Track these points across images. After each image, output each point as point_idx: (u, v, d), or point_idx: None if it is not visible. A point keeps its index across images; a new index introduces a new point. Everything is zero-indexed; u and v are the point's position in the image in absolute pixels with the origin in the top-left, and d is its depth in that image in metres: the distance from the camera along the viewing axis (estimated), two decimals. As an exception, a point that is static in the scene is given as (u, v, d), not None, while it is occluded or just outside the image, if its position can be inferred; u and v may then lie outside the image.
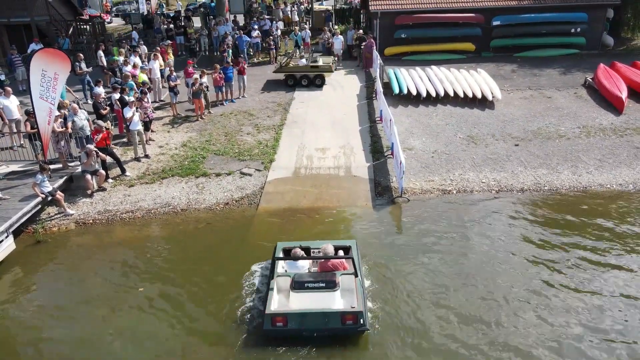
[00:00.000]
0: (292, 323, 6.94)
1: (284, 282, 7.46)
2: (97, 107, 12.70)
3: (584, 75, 17.84)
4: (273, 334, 7.01)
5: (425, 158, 12.80)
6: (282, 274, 7.64)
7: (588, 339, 7.02)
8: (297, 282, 7.32)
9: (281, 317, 6.95)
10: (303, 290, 7.26)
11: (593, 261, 8.70)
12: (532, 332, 7.17)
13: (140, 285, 8.49)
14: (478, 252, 9.10)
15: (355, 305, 7.02)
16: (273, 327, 6.96)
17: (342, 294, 7.28)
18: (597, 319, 7.38)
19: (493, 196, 11.16)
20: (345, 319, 6.93)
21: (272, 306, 7.12)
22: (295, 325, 6.95)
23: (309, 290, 7.24)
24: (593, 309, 7.58)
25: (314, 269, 7.88)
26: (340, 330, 6.97)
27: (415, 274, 8.50)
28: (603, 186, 11.35)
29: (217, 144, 13.77)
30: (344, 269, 7.64)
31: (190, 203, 11.09)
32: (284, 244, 8.42)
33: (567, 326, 7.26)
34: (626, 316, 7.40)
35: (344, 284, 7.38)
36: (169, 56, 18.65)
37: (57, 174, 11.38)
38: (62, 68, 11.41)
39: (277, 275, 7.59)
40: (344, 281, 7.41)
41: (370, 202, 10.96)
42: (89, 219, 10.52)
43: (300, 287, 7.28)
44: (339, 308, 7.07)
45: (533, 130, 14.15)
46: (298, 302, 7.17)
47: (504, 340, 7.04)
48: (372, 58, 19.29)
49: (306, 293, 7.23)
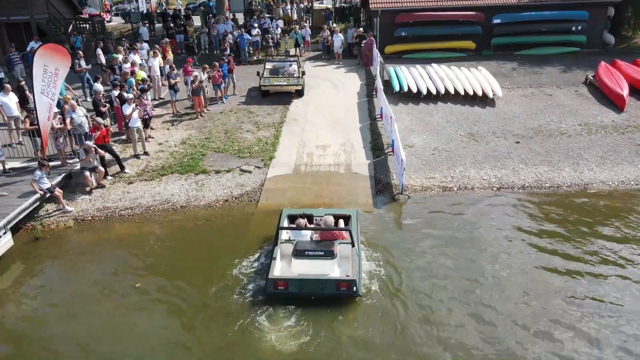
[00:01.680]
0: (292, 287, 7.69)
1: (287, 249, 8.15)
2: (96, 104, 12.64)
3: (584, 73, 17.79)
4: (275, 296, 7.74)
5: (426, 155, 12.74)
6: (285, 241, 8.33)
7: (592, 336, 6.98)
8: (299, 250, 7.98)
9: (282, 281, 7.68)
10: (303, 257, 7.92)
11: (594, 258, 8.65)
12: (528, 318, 7.13)
13: (139, 281, 8.42)
14: (479, 248, 9.04)
15: (349, 274, 7.69)
16: (275, 290, 7.70)
17: (339, 263, 7.92)
18: (603, 313, 7.33)
19: (494, 193, 11.11)
20: (340, 286, 7.62)
21: (275, 272, 7.81)
22: (295, 289, 7.69)
23: (309, 258, 7.90)
24: (597, 303, 7.53)
25: (315, 236, 8.44)
26: (334, 295, 7.68)
27: (415, 271, 8.44)
28: (605, 183, 11.30)
29: (216, 142, 13.71)
30: (342, 238, 8.18)
31: (190, 200, 11.03)
32: (288, 211, 9.17)
33: (560, 312, 7.22)
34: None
35: (342, 252, 8.00)
36: (169, 54, 18.59)
37: (56, 170, 11.33)
38: (62, 63, 11.38)
39: (281, 242, 8.29)
40: (342, 250, 8.01)
41: (371, 199, 10.90)
42: (87, 216, 10.46)
43: (301, 254, 7.94)
44: (334, 276, 7.75)
45: (534, 128, 14.09)
46: (298, 268, 7.85)
47: (508, 341, 6.99)
48: (373, 56, 19.24)
49: (306, 260, 7.90)
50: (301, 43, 22.79)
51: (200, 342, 7.16)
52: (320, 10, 28.97)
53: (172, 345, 7.10)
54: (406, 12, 20.58)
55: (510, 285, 8.07)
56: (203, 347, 7.07)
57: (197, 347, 7.07)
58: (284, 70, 17.11)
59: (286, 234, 8.54)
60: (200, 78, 14.98)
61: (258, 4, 28.93)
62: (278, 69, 17.20)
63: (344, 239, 8.16)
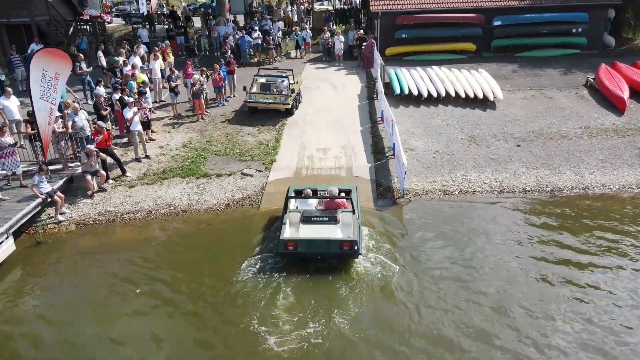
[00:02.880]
0: (300, 247, 8.45)
1: (295, 217, 9.02)
2: (97, 108, 12.65)
3: (585, 75, 17.79)
4: (285, 256, 8.58)
5: (427, 159, 12.76)
6: (293, 210, 9.20)
7: (596, 336, 6.99)
8: (306, 216, 8.91)
9: (292, 242, 8.47)
10: (310, 223, 8.83)
11: (596, 263, 8.67)
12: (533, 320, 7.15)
13: (141, 287, 8.43)
14: (480, 253, 9.05)
15: (351, 235, 8.54)
16: (285, 250, 8.49)
17: (342, 227, 8.82)
18: (604, 317, 7.35)
19: (495, 197, 11.12)
20: (343, 246, 8.43)
21: (285, 234, 8.64)
22: (303, 249, 8.46)
23: (315, 223, 8.83)
24: (601, 310, 7.55)
25: (320, 207, 9.36)
26: (338, 254, 8.50)
27: (416, 278, 8.45)
28: (606, 187, 11.31)
29: (217, 145, 13.72)
30: (344, 207, 9.14)
31: (191, 204, 11.04)
32: (295, 186, 10.07)
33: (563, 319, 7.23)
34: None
35: (344, 219, 8.92)
36: (169, 56, 18.59)
37: (58, 174, 11.34)
38: (63, 67, 11.37)
39: (290, 211, 9.14)
40: (344, 217, 8.95)
41: (372, 203, 10.91)
42: (89, 220, 10.47)
43: (308, 220, 8.86)
44: (338, 237, 8.57)
45: (535, 131, 14.10)
46: (306, 232, 8.70)
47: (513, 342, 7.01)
48: (373, 58, 19.25)
49: (313, 225, 8.80)
50: (302, 45, 22.80)
51: (203, 346, 7.16)
52: (320, 12, 29.02)
53: (174, 351, 7.10)
54: (407, 14, 20.59)
55: (512, 295, 8.08)
56: (207, 352, 7.08)
57: (200, 352, 7.08)
58: (275, 85, 15.74)
59: (294, 204, 9.39)
60: (200, 80, 14.98)
61: (259, 6, 28.92)
62: (269, 85, 15.87)
63: (345, 208, 9.08)
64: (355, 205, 9.13)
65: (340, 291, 8.11)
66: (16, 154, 10.76)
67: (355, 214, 8.95)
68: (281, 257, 8.59)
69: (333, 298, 7.97)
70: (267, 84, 15.96)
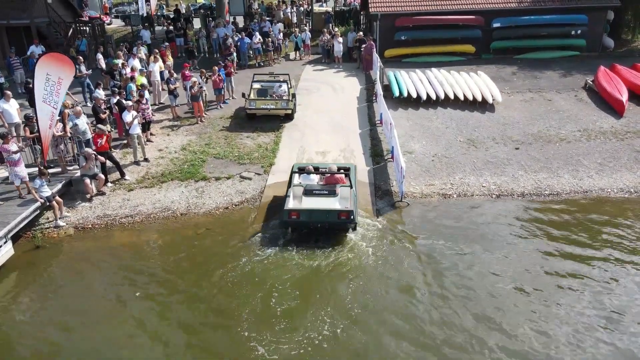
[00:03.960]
0: (302, 216, 9.37)
1: (298, 190, 9.97)
2: (96, 111, 12.65)
3: (584, 77, 17.80)
4: (289, 224, 9.54)
5: (426, 162, 12.77)
6: (297, 185, 10.17)
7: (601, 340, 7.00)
8: (307, 190, 9.90)
9: (295, 212, 9.43)
10: (312, 196, 9.79)
11: (594, 266, 8.69)
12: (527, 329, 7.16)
13: (140, 290, 8.45)
14: (478, 259, 9.06)
15: (348, 207, 9.43)
16: (289, 219, 9.42)
17: (340, 200, 9.68)
18: (607, 323, 7.36)
19: (494, 201, 11.13)
20: (340, 215, 9.34)
21: (289, 205, 9.60)
22: (305, 218, 9.38)
23: (316, 196, 9.77)
24: (598, 314, 7.56)
25: (321, 182, 10.29)
26: (337, 223, 9.40)
27: (413, 286, 8.47)
28: (604, 190, 11.32)
29: (216, 148, 13.73)
30: (342, 182, 10.07)
31: (190, 207, 11.05)
32: (298, 165, 11.03)
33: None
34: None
35: (342, 193, 9.82)
36: (168, 58, 18.59)
37: (57, 178, 11.34)
38: (66, 73, 11.41)
39: (294, 186, 10.13)
40: (342, 191, 9.86)
41: (371, 206, 10.92)
42: (88, 224, 10.48)
43: (310, 193, 9.85)
44: (336, 207, 9.44)
45: (533, 134, 14.12)
46: (307, 203, 9.63)
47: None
48: (372, 60, 19.25)
49: (314, 197, 9.76)
50: (301, 46, 22.81)
51: (202, 350, 7.18)
52: (320, 14, 29.02)
53: (173, 354, 7.11)
54: (406, 15, 20.60)
55: (510, 302, 8.09)
56: (207, 356, 7.09)
57: (200, 356, 7.09)
58: (272, 91, 15.53)
59: (297, 179, 10.40)
60: (199, 83, 14.99)
61: (258, 7, 28.90)
62: (266, 90, 15.63)
63: (344, 183, 10.03)
64: (352, 182, 10.11)
65: (332, 301, 8.13)
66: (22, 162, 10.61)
67: (352, 188, 9.89)
68: (285, 225, 9.59)
69: (330, 302, 7.99)
70: (265, 89, 15.73)
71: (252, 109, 15.06)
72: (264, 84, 15.89)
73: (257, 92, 15.65)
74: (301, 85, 18.75)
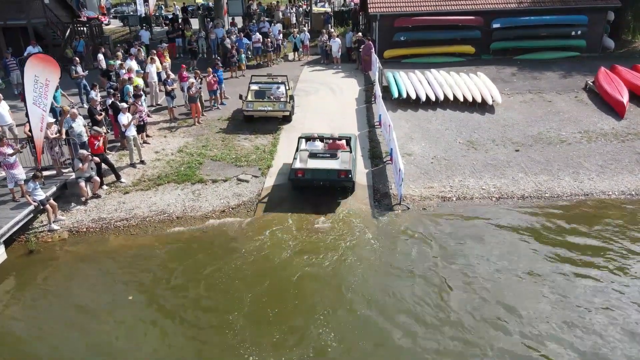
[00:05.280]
0: (307, 175, 10.86)
1: (304, 154, 11.47)
2: (92, 113, 12.50)
3: (584, 78, 17.69)
4: (295, 182, 11.04)
5: (425, 164, 12.64)
6: (303, 149, 11.63)
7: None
8: (312, 153, 11.40)
9: (301, 171, 10.90)
10: (316, 158, 11.26)
11: (596, 270, 8.56)
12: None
13: (134, 295, 8.32)
14: (478, 269, 8.92)
15: (347, 167, 10.82)
16: (296, 177, 10.89)
17: (341, 162, 11.10)
18: (605, 326, 7.24)
19: (493, 203, 11.01)
20: (340, 174, 10.77)
21: (296, 165, 11.11)
22: (309, 176, 10.86)
23: (320, 158, 11.24)
24: (601, 319, 7.44)
25: (324, 148, 11.74)
26: (336, 181, 10.88)
27: (412, 292, 8.34)
28: (605, 193, 11.19)
29: (213, 149, 13.59)
30: (343, 148, 11.49)
31: (186, 210, 10.92)
32: (304, 134, 12.39)
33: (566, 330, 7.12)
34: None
35: (343, 157, 11.24)
36: (166, 59, 18.45)
37: (51, 180, 11.20)
38: (52, 75, 11.24)
39: (300, 150, 11.59)
40: (343, 155, 11.27)
41: (369, 210, 10.78)
42: (82, 227, 10.33)
43: (314, 156, 11.33)
44: (337, 167, 10.87)
45: (533, 135, 13.99)
46: (312, 164, 11.09)
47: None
48: (371, 61, 19.13)
49: (317, 159, 11.21)
50: (300, 47, 22.69)
51: (196, 355, 7.07)
52: (319, 14, 28.90)
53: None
54: (405, 16, 20.49)
55: (510, 306, 7.97)
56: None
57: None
58: (270, 93, 15.31)
59: (304, 145, 11.82)
60: (196, 84, 14.84)
61: (257, 8, 28.73)
62: (264, 92, 15.41)
63: (344, 149, 11.41)
64: (352, 148, 11.51)
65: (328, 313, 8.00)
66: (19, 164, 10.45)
67: (352, 153, 11.32)
68: (292, 182, 11.04)
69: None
70: (263, 91, 15.51)
71: (250, 111, 14.88)
72: (262, 86, 15.67)
73: (255, 94, 15.44)
74: (299, 86, 18.62)
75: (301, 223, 10.34)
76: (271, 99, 15.18)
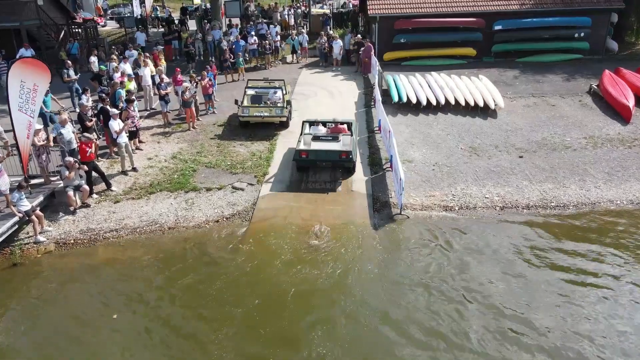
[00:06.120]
0: (310, 155, 11.55)
1: (308, 138, 12.10)
2: (82, 119, 12.11)
3: (588, 81, 17.32)
4: (300, 162, 11.76)
5: (426, 171, 12.24)
6: (307, 133, 12.31)
7: None
8: (315, 136, 12.12)
9: (304, 152, 11.57)
10: (319, 141, 11.95)
11: (604, 286, 8.18)
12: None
13: (119, 312, 7.92)
14: (483, 282, 8.53)
15: (348, 148, 11.49)
16: (300, 157, 11.59)
17: (342, 144, 11.75)
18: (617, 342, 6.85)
19: (497, 213, 10.61)
20: (341, 155, 11.46)
21: (300, 146, 11.72)
22: (312, 157, 11.56)
23: (322, 141, 11.92)
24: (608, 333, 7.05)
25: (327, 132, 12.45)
26: (338, 161, 11.57)
27: (412, 306, 7.95)
28: (613, 202, 10.80)
29: (208, 156, 13.20)
30: (344, 132, 12.30)
31: (179, 220, 10.52)
32: (308, 119, 13.11)
33: None
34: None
35: (344, 140, 11.94)
36: (161, 62, 18.05)
37: (39, 189, 10.81)
38: (41, 79, 10.84)
39: (304, 134, 12.29)
40: (344, 138, 12.00)
41: (368, 220, 10.39)
42: (70, 239, 9.93)
43: (317, 139, 12.01)
44: (338, 149, 11.54)
45: (537, 141, 13.60)
46: (315, 145, 11.75)
47: None
48: (371, 63, 18.74)
49: (320, 142, 11.89)
50: (298, 49, 22.30)
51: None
52: (318, 16, 28.51)
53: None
54: (405, 18, 20.08)
55: (519, 325, 7.58)
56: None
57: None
58: (267, 97, 14.85)
59: (307, 129, 12.55)
60: (190, 89, 14.44)
61: (255, 9, 28.34)
62: (260, 96, 14.94)
63: (345, 133, 12.20)
64: (353, 132, 12.34)
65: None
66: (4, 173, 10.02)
67: (352, 136, 12.05)
68: (297, 162, 11.77)
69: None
70: (259, 95, 15.04)
71: (245, 117, 14.42)
72: (258, 90, 15.22)
73: (251, 99, 14.98)
74: (297, 89, 18.23)
75: (298, 233, 9.94)
76: (268, 104, 14.72)
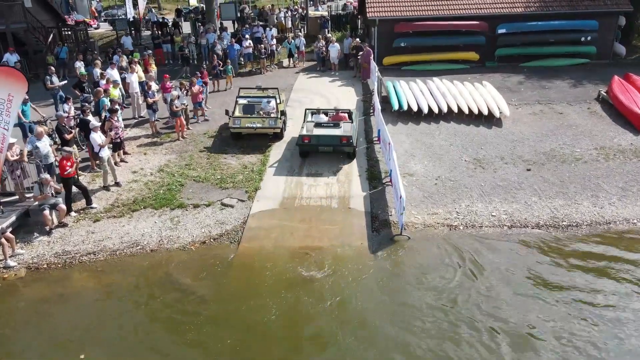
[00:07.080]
0: (312, 140, 12.24)
1: (310, 125, 12.82)
2: (60, 131, 11.35)
3: (596, 87, 16.60)
4: (302, 147, 12.36)
5: (428, 186, 11.50)
6: (309, 121, 13.01)
7: None
8: (317, 123, 12.81)
9: (307, 137, 12.26)
10: (321, 127, 12.67)
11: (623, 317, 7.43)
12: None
13: (87, 350, 7.14)
14: (496, 312, 7.78)
15: (349, 133, 12.28)
16: (303, 142, 12.22)
17: (343, 130, 12.49)
18: None
19: (505, 233, 9.86)
20: (342, 140, 12.14)
21: (303, 132, 12.50)
22: (314, 142, 12.25)
23: (324, 127, 12.65)
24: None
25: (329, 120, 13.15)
26: (339, 146, 12.24)
27: (414, 342, 7.20)
28: (629, 222, 10.04)
29: (197, 169, 12.45)
30: (345, 120, 12.98)
31: (162, 242, 9.75)
32: (310, 108, 13.66)
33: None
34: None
35: (345, 126, 12.66)
36: (152, 67, 17.30)
37: (11, 207, 10.05)
38: (17, 89, 10.06)
39: (307, 122, 13.02)
40: (345, 125, 12.72)
41: (366, 242, 9.62)
42: (43, 263, 9.15)
43: (319, 125, 12.73)
44: (339, 134, 12.29)
45: (546, 152, 12.86)
46: (317, 131, 12.46)
47: None
48: (370, 68, 18.01)
49: (322, 128, 12.62)
50: (295, 53, 21.57)
51: None
52: (315, 18, 27.78)
53: None
54: (406, 21, 19.37)
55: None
56: None
57: None
58: (260, 107, 14.00)
59: (310, 116, 13.17)
60: (181, 98, 13.68)
61: (251, 11, 27.63)
62: (253, 106, 14.08)
63: (346, 120, 12.91)
64: (353, 119, 13.03)
65: None
66: None
67: (353, 123, 12.81)
68: (300, 147, 12.36)
69: None
70: (252, 105, 14.16)
71: (237, 128, 13.56)
72: (251, 100, 14.32)
73: (243, 109, 14.10)
74: (293, 96, 17.49)
75: (292, 257, 9.18)
76: (261, 114, 13.86)
